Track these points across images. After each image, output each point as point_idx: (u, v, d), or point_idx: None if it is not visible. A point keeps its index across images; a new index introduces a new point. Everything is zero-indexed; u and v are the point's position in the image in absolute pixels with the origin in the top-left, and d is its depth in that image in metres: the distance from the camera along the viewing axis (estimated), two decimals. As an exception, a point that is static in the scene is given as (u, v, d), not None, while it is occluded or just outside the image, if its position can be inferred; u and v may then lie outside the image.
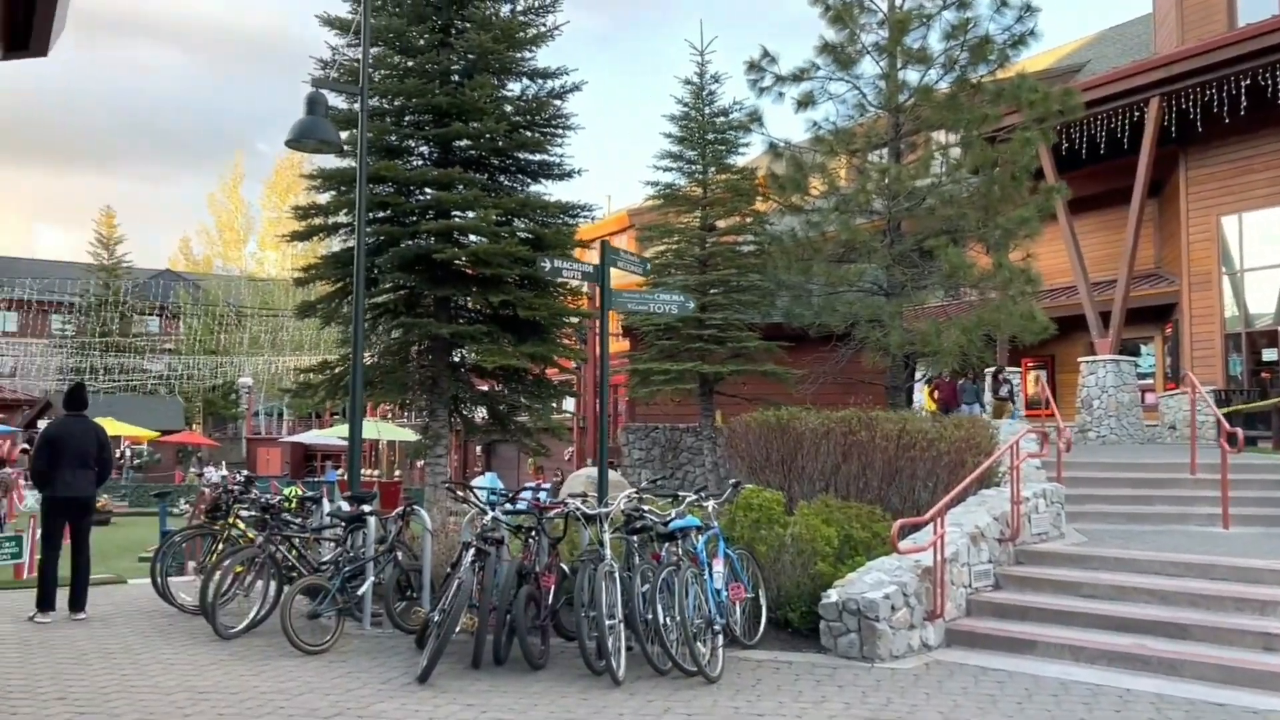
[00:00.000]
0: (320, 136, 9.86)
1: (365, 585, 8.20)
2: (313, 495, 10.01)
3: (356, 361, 9.91)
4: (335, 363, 13.62)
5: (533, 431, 14.15)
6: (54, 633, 8.18)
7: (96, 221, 56.30)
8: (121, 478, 36.76)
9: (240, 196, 58.59)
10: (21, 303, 54.20)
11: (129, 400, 43.41)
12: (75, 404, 9.34)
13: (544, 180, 13.90)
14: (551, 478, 24.58)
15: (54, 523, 8.97)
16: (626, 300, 8.77)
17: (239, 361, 48.01)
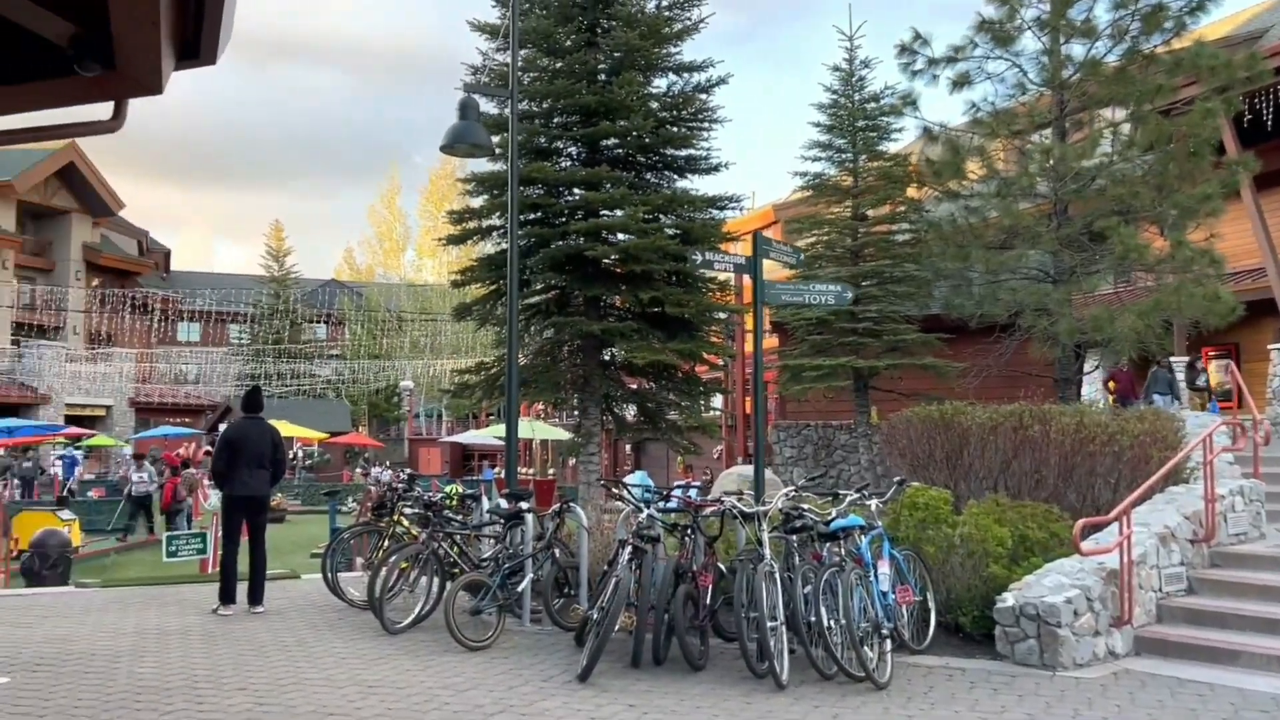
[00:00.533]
0: (472, 141, 10.01)
1: (524, 582, 8.25)
2: (472, 493, 10.18)
3: (511, 361, 10.02)
4: (491, 363, 13.90)
5: (683, 429, 14.06)
6: (235, 625, 8.57)
7: (267, 235, 59.80)
8: (295, 477, 38.81)
9: (398, 207, 61.02)
10: (203, 314, 57.98)
11: (300, 403, 45.82)
12: (252, 407, 9.78)
13: (690, 175, 13.80)
14: (701, 476, 24.46)
15: (232, 520, 9.43)
16: (780, 292, 8.53)
17: (400, 365, 49.94)
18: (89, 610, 9.30)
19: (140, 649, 7.48)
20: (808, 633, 6.68)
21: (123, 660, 7.08)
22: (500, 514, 8.76)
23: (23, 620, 8.75)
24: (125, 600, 9.93)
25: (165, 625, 8.50)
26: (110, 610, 9.31)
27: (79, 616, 8.93)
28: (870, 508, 7.60)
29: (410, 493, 9.73)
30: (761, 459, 8.41)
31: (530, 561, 8.34)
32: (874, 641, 6.66)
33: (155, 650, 7.44)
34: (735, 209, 13.89)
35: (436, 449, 43.26)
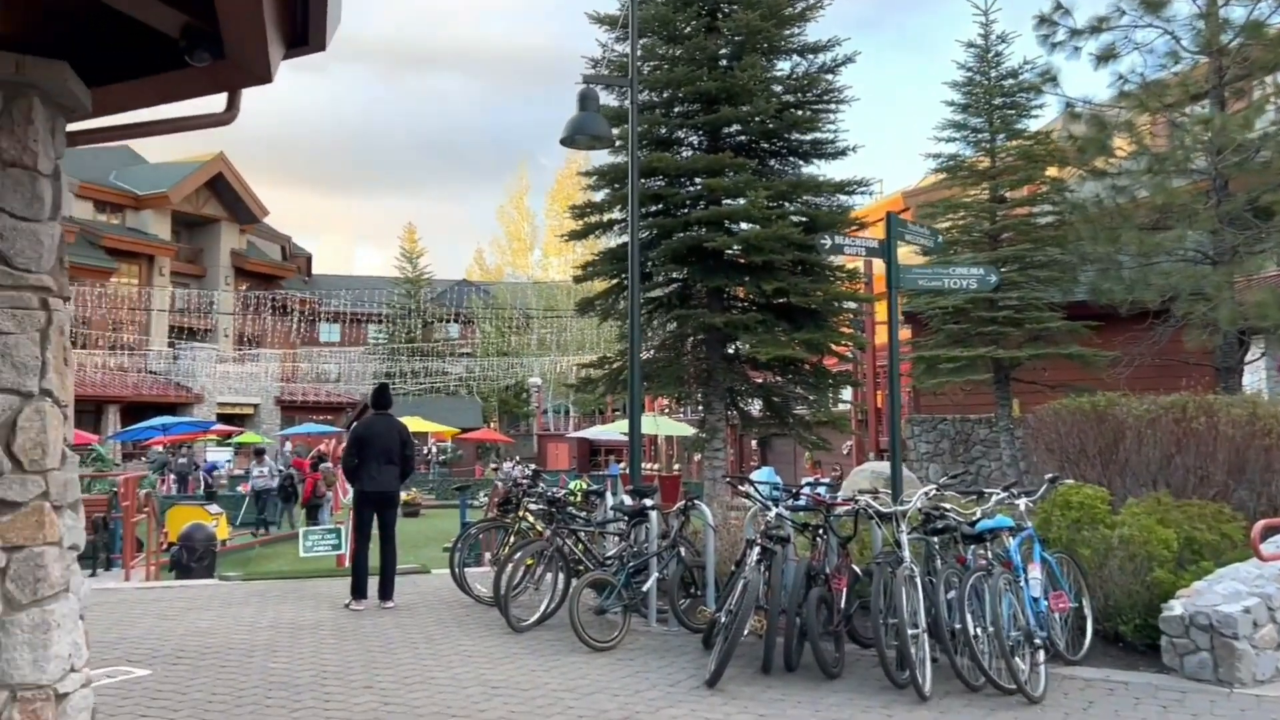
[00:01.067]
0: (593, 132, 9.86)
1: (649, 581, 8.04)
2: (596, 489, 10.04)
3: (634, 355, 9.84)
4: (613, 358, 13.78)
5: (811, 425, 13.62)
6: (365, 620, 8.64)
7: (401, 238, 61.73)
8: (429, 473, 39.83)
9: (526, 207, 61.92)
10: (342, 315, 60.26)
11: (433, 400, 47.04)
12: (381, 403, 9.88)
13: (816, 160, 13.36)
14: (830, 472, 23.84)
15: (363, 515, 9.54)
16: (917, 276, 8.05)
17: (528, 362, 50.72)
18: (229, 603, 9.56)
19: (274, 643, 7.59)
20: (952, 641, 6.24)
21: (257, 655, 7.18)
22: (624, 511, 8.57)
23: (168, 612, 9.05)
24: (264, 594, 10.19)
25: (299, 620, 8.64)
26: (249, 603, 9.55)
27: (219, 609, 9.18)
28: (1019, 507, 7.07)
29: (534, 489, 9.65)
30: (899, 455, 7.96)
31: (655, 560, 8.12)
32: (1025, 651, 6.17)
33: (288, 645, 7.54)
34: (864, 194, 13.36)
35: (564, 444, 43.73)
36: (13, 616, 3.41)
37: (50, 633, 3.43)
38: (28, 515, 3.45)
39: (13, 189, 3.47)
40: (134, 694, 6.10)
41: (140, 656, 7.14)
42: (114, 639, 7.80)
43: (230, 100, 4.07)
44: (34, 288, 3.57)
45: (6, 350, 3.47)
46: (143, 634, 7.98)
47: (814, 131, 12.89)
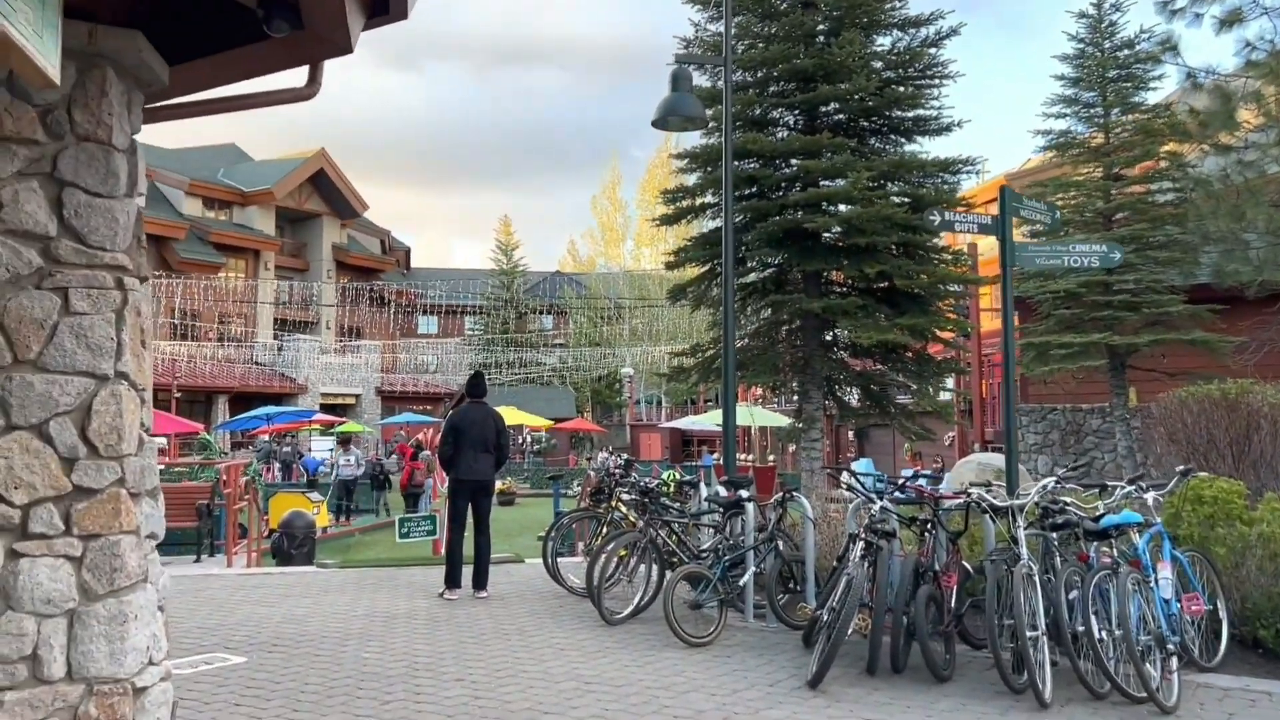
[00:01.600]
0: (685, 113, 9.58)
1: (746, 575, 7.76)
2: (690, 480, 9.79)
3: (728, 342, 9.54)
4: (706, 345, 13.48)
5: (914, 414, 13.09)
6: (459, 610, 8.57)
7: (496, 231, 62.45)
8: (524, 462, 40.19)
9: (618, 197, 61.84)
10: (439, 307, 61.34)
11: (528, 391, 47.48)
12: (476, 392, 9.80)
13: (919, 138, 12.79)
14: (931, 464, 23.12)
15: (458, 504, 9.48)
16: (1035, 254, 7.54)
17: (621, 352, 50.77)
18: (326, 590, 9.61)
19: (367, 632, 7.56)
20: (1074, 644, 5.80)
21: (350, 644, 7.15)
22: (719, 503, 8.31)
23: (267, 599, 9.13)
24: (360, 581, 10.23)
25: (393, 608, 8.61)
26: (346, 591, 9.59)
27: (316, 597, 9.23)
28: (1146, 501, 6.56)
29: (627, 478, 9.45)
30: (1014, 445, 7.49)
31: (752, 554, 7.84)
32: (1156, 657, 5.70)
33: (381, 634, 7.49)
34: (970, 173, 12.74)
35: (656, 434, 43.62)
36: (89, 607, 3.34)
37: (127, 624, 3.34)
38: (104, 503, 3.37)
39: (87, 164, 3.39)
40: (229, 682, 6.10)
41: (237, 643, 7.18)
42: (214, 625, 7.88)
43: (311, 74, 3.93)
44: (109, 266, 3.49)
45: (81, 331, 3.40)
46: (241, 620, 8.04)
47: (916, 108, 12.33)
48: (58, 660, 3.31)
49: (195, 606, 8.76)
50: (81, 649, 3.30)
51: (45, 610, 3.30)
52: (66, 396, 3.42)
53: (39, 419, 3.41)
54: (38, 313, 3.41)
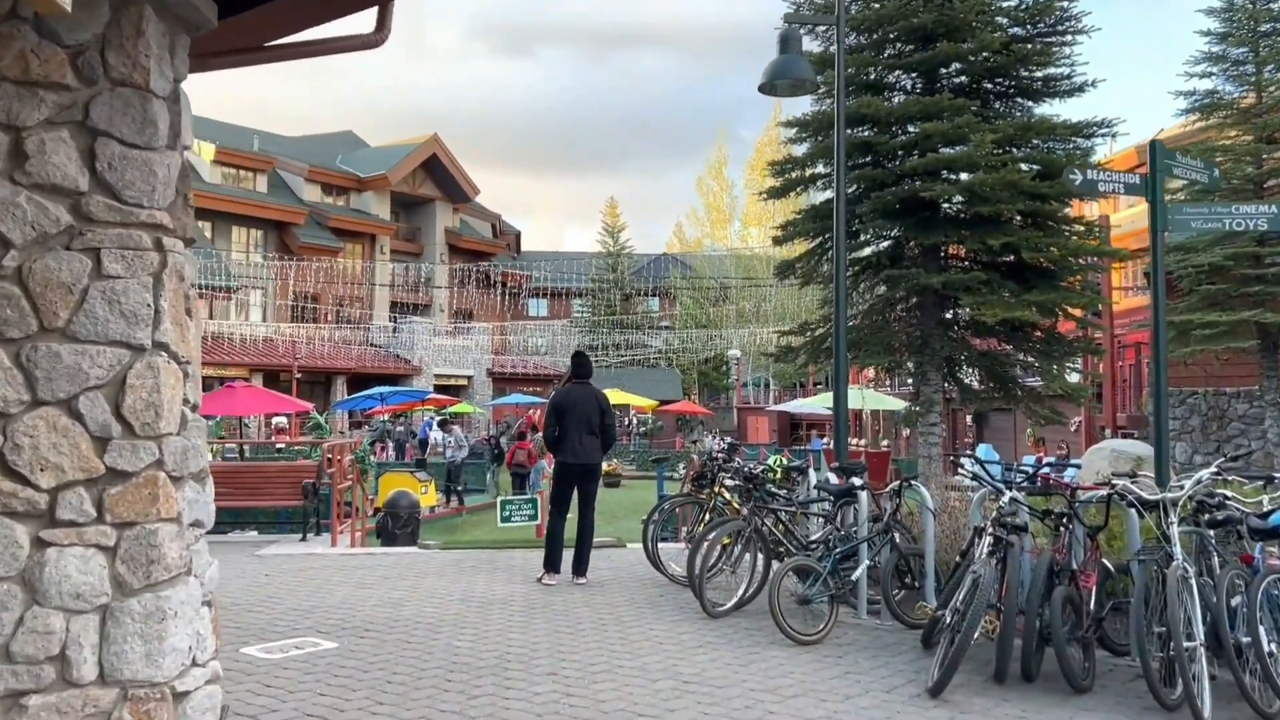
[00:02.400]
0: (795, 76, 9.03)
1: (859, 569, 7.22)
2: (798, 465, 9.27)
3: (839, 320, 8.97)
4: (815, 324, 12.85)
5: (1043, 397, 12.21)
6: (556, 596, 8.27)
7: (603, 213, 62.51)
8: (629, 444, 40.05)
9: (725, 178, 61.10)
10: (548, 290, 61.78)
11: (634, 373, 47.32)
12: (580, 372, 9.47)
13: (1049, 99, 11.86)
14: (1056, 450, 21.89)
15: (562, 488, 9.19)
16: (1191, 217, 6.70)
17: (727, 334, 50.13)
18: (425, 573, 9.46)
19: (462, 618, 7.32)
20: (1238, 657, 5.12)
21: (443, 631, 6.91)
22: (829, 490, 7.79)
23: (366, 580, 9.02)
24: (460, 564, 10.06)
25: (490, 593, 8.38)
26: (445, 574, 9.42)
27: (415, 579, 9.08)
28: (1323, 497, 5.77)
29: (730, 463, 8.98)
30: (1164, 432, 6.72)
31: (866, 546, 7.30)
32: (1338, 677, 4.97)
33: (475, 621, 7.24)
34: (1106, 135, 11.75)
35: (764, 417, 42.91)
36: (123, 603, 3.03)
37: (166, 622, 3.03)
38: (140, 487, 3.06)
39: (121, 111, 3.07)
40: (316, 668, 5.91)
41: (330, 627, 7.02)
42: (309, 607, 7.77)
43: (380, 19, 3.59)
44: (146, 225, 3.15)
45: (114, 296, 3.08)
46: (337, 603, 7.92)
47: (1046, 66, 11.42)
48: (88, 661, 3.01)
49: (294, 587, 8.70)
50: (114, 649, 2.99)
51: (75, 606, 2.99)
52: (98, 369, 3.09)
53: (67, 394, 3.08)
54: (66, 276, 3.09)
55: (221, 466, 13.52)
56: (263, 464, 14.33)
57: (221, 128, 56.20)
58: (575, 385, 9.33)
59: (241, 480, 12.35)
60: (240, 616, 7.35)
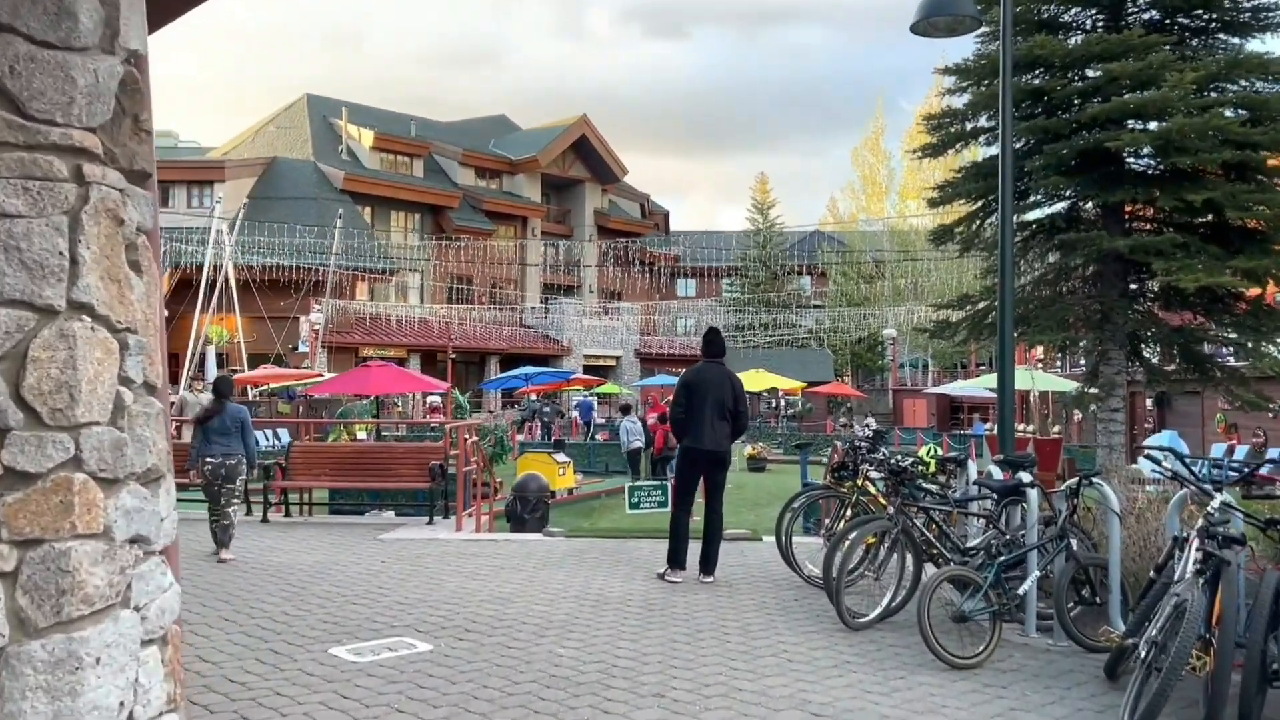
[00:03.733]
0: (953, 12, 7.91)
1: (1028, 582, 6.14)
2: (955, 456, 8.17)
3: (1005, 292, 7.82)
4: (977, 296, 11.58)
5: (1248, 378, 10.59)
6: (678, 596, 7.52)
7: (752, 189, 61.20)
8: (778, 426, 38.95)
9: (882, 148, 58.57)
10: (697, 269, 61.13)
11: (783, 353, 46.08)
12: (712, 350, 8.68)
13: (1257, 35, 10.18)
14: (1253, 438, 19.59)
15: (688, 476, 8.43)
16: None
17: (883, 313, 48.14)
18: (544, 564, 8.88)
19: (571, 621, 6.66)
20: None
21: (549, 635, 6.26)
22: (992, 487, 6.72)
23: (480, 571, 8.51)
24: (582, 554, 9.44)
25: (607, 590, 7.70)
26: (564, 565, 8.82)
27: (531, 571, 8.50)
28: None
29: (874, 453, 7.98)
30: None
31: (1036, 554, 6.21)
32: None
33: (586, 624, 6.57)
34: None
35: (922, 400, 40.92)
36: (23, 647, 2.28)
37: (82, 672, 2.31)
38: (48, 493, 2.34)
39: (29, 1, 2.38)
40: (404, 676, 5.35)
41: (430, 626, 6.48)
42: (415, 600, 7.28)
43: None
44: (60, 148, 2.43)
45: (12, 241, 2.36)
46: (445, 597, 7.40)
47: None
48: (-29, 729, 2.27)
49: (407, 575, 8.27)
50: (9, 709, 2.26)
51: (-49, 652, 2.22)
52: (-14, 337, 2.35)
53: (-59, 370, 2.35)
54: (-60, 214, 2.34)
55: (351, 447, 13.41)
56: (392, 445, 14.17)
57: (381, 115, 57.89)
58: (708, 364, 8.54)
59: (371, 461, 12.14)
60: (342, 610, 6.92)
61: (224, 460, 9.16)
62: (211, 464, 9.11)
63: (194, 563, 8.68)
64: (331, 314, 42.06)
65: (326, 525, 11.55)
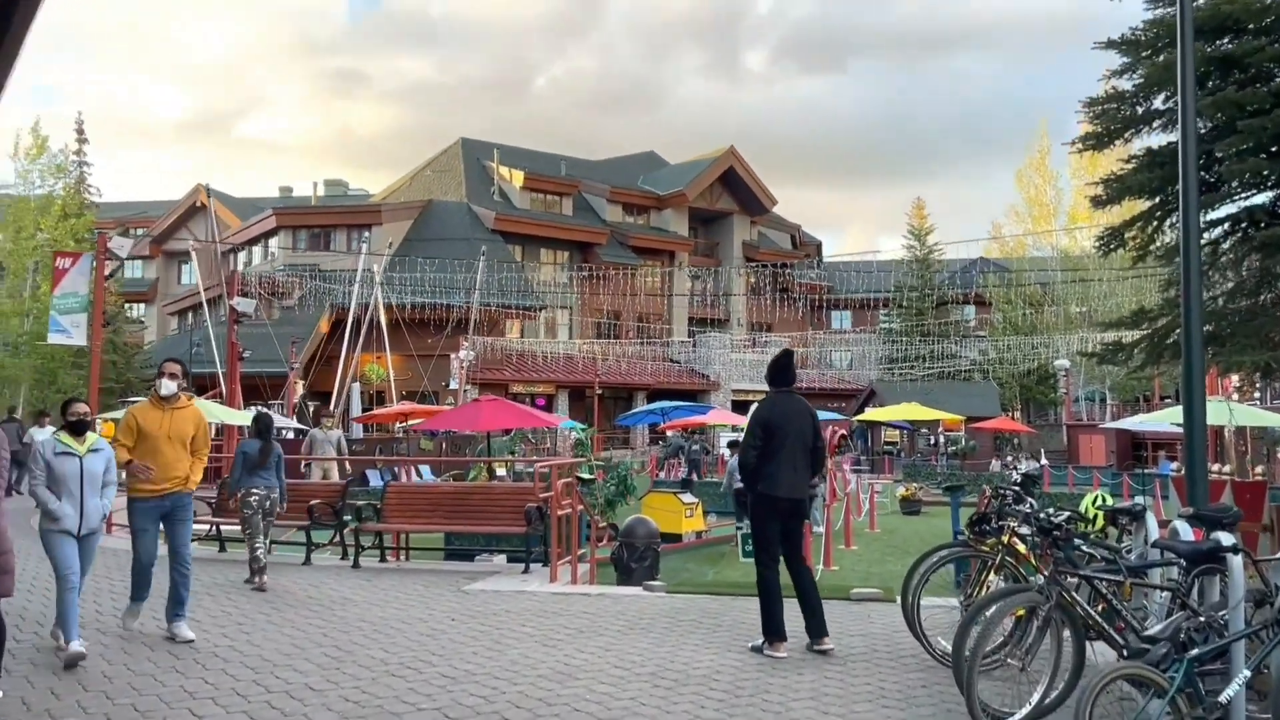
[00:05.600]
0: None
1: (1233, 686, 4.53)
2: (1130, 507, 6.53)
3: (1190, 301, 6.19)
4: (1155, 311, 9.73)
5: None
6: (775, 678, 6.18)
7: (908, 215, 58.67)
8: (937, 464, 36.48)
9: (1048, 168, 55.05)
10: (851, 301, 59.00)
11: (942, 386, 43.42)
12: (783, 378, 7.38)
13: None
14: None
15: (768, 529, 7.12)
16: None
17: (1054, 342, 44.77)
18: (630, 628, 7.70)
19: (634, 710, 5.46)
20: None
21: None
22: (1180, 550, 5.14)
23: (554, 635, 7.40)
24: (678, 616, 8.20)
25: (692, 666, 6.43)
26: (653, 629, 7.61)
27: (612, 637, 7.33)
28: None
29: (1021, 505, 6.45)
30: None
31: (1243, 645, 4.61)
32: None
33: (653, 716, 5.34)
34: None
35: (1099, 436, 37.48)
36: None
37: None
38: None
39: None
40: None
41: (462, 712, 5.40)
42: (462, 674, 6.22)
43: None
44: None
45: None
46: (499, 670, 6.32)
47: None
48: None
49: (469, 639, 7.24)
50: None
51: None
52: None
53: None
54: None
55: (449, 488, 12.61)
56: (490, 485, 13.31)
57: (532, 155, 58.82)
58: (781, 396, 7.25)
59: (468, 504, 11.25)
60: (372, 686, 5.93)
61: (267, 494, 9.65)
62: (257, 496, 9.58)
63: (238, 601, 7.98)
64: (480, 351, 42.42)
65: (418, 573, 10.74)
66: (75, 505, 6.49)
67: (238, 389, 24.36)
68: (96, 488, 6.63)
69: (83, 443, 6.66)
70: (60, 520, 6.43)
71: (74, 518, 6.47)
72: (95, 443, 6.74)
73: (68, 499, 6.47)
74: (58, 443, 6.63)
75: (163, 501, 7.21)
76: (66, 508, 6.45)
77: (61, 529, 6.45)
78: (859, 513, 20.15)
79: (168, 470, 7.14)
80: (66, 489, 6.48)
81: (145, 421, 7.19)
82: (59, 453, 6.55)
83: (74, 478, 6.52)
